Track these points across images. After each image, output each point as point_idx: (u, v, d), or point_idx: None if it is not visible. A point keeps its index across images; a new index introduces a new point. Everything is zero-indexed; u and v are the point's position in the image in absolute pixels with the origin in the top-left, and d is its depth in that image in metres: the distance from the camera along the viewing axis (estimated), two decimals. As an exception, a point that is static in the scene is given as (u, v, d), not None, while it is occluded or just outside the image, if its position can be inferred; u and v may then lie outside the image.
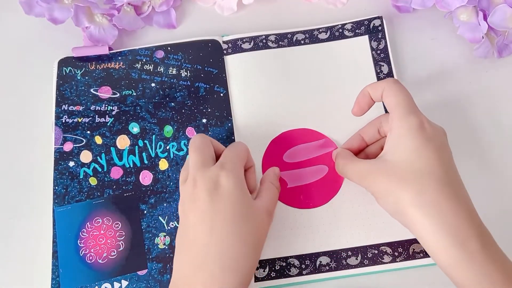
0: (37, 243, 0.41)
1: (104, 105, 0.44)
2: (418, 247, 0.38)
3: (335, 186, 0.41)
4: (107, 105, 0.44)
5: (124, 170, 0.42)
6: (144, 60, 0.46)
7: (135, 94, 0.45)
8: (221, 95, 0.44)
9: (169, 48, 0.47)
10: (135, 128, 0.44)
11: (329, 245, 0.39)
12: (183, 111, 0.44)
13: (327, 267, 0.38)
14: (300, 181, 0.41)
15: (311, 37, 0.47)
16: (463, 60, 0.46)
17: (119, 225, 0.40)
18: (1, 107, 0.47)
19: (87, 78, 0.46)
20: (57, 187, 0.41)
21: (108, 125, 0.44)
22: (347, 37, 0.46)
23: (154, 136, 0.43)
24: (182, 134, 0.43)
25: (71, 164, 0.42)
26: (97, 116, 0.44)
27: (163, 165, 0.42)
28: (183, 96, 0.45)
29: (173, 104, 0.44)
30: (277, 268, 0.38)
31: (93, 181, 0.42)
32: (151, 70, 0.46)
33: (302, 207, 0.40)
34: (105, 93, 0.45)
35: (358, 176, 0.37)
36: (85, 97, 0.45)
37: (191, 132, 0.43)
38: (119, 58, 0.46)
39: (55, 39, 0.49)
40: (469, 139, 0.43)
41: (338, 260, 0.38)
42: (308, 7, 0.50)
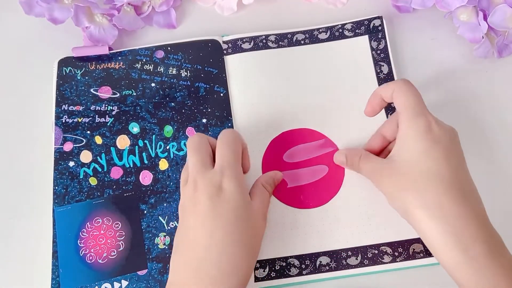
0: (37, 243, 0.41)
1: (104, 105, 0.44)
2: (418, 247, 0.38)
3: (335, 186, 0.41)
4: (107, 105, 0.44)
5: (124, 170, 0.42)
6: (144, 60, 0.46)
7: (135, 94, 0.45)
8: (221, 95, 0.44)
9: (169, 48, 0.47)
10: (135, 128, 0.44)
11: (329, 245, 0.39)
12: (183, 111, 0.44)
13: (327, 267, 0.38)
14: (300, 181, 0.41)
15: (311, 37, 0.47)
16: (463, 60, 0.46)
17: (119, 225, 0.40)
18: (1, 107, 0.47)
19: (87, 78, 0.46)
20: (57, 187, 0.41)
21: (108, 125, 0.44)
22: (347, 37, 0.46)
23: (154, 136, 0.43)
24: (182, 134, 0.43)
25: (71, 164, 0.42)
26: (97, 116, 0.44)
27: (163, 165, 0.42)
28: (183, 96, 0.45)
29: (173, 104, 0.44)
30: (277, 268, 0.38)
31: (93, 181, 0.42)
32: (151, 70, 0.46)
33: (302, 207, 0.40)
34: (105, 93, 0.45)
35: (369, 174, 0.37)
36: (85, 97, 0.45)
37: (191, 132, 0.43)
38: (119, 58, 0.46)
39: (55, 39, 0.49)
40: (469, 139, 0.43)
41: (338, 260, 0.38)
42: (308, 7, 0.50)
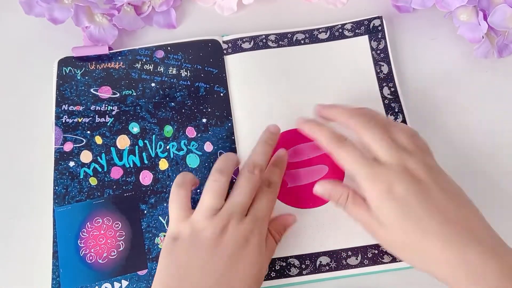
0: (37, 243, 0.41)
1: (104, 105, 0.44)
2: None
3: (335, 186, 0.41)
4: (107, 105, 0.44)
5: (124, 170, 0.42)
6: (144, 60, 0.46)
7: (135, 94, 0.45)
8: (221, 95, 0.44)
9: (169, 48, 0.47)
10: (135, 128, 0.44)
11: (329, 245, 0.39)
12: (183, 111, 0.44)
13: (327, 267, 0.38)
14: (300, 181, 0.41)
15: (311, 37, 0.47)
16: (463, 60, 0.46)
17: (119, 225, 0.40)
18: (1, 107, 0.47)
19: (87, 78, 0.46)
20: (57, 187, 0.41)
21: (108, 125, 0.44)
22: (347, 37, 0.46)
23: (154, 136, 0.43)
24: (182, 134, 0.43)
25: (71, 164, 0.42)
26: (97, 116, 0.44)
27: (163, 165, 0.42)
28: (183, 96, 0.45)
29: (173, 104, 0.44)
30: (277, 268, 0.38)
31: (93, 181, 0.42)
32: (151, 70, 0.46)
33: (302, 207, 0.40)
34: (105, 93, 0.45)
35: (359, 222, 0.36)
36: (85, 97, 0.45)
37: (191, 132, 0.43)
38: (119, 58, 0.46)
39: (55, 39, 0.49)
40: (469, 139, 0.43)
41: (338, 260, 0.38)
42: (308, 7, 0.50)
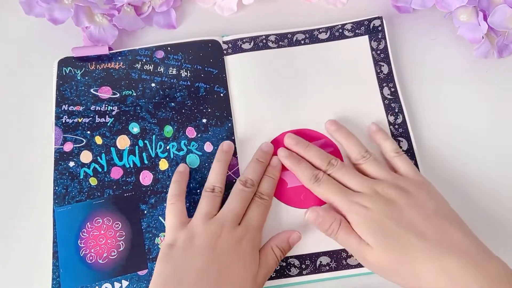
0: (37, 243, 0.41)
1: (104, 105, 0.44)
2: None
3: (335, 186, 0.41)
4: (107, 105, 0.44)
5: (124, 170, 0.42)
6: (144, 60, 0.46)
7: (135, 94, 0.45)
8: (221, 95, 0.44)
9: (169, 48, 0.47)
10: (135, 128, 0.44)
11: (329, 245, 0.39)
12: (183, 111, 0.44)
13: (327, 267, 0.38)
14: (300, 181, 0.41)
15: (311, 37, 0.47)
16: (463, 60, 0.46)
17: (119, 225, 0.40)
18: (1, 107, 0.47)
19: (87, 78, 0.46)
20: (57, 187, 0.41)
21: (108, 125, 0.44)
22: (347, 37, 0.46)
23: (154, 136, 0.43)
24: (182, 134, 0.43)
25: (71, 164, 0.42)
26: (97, 116, 0.44)
27: (163, 165, 0.42)
28: (183, 96, 0.45)
29: (173, 104, 0.44)
30: (277, 268, 0.38)
31: (93, 181, 0.42)
32: (151, 70, 0.46)
33: (302, 207, 0.40)
34: (105, 93, 0.45)
35: (349, 250, 0.38)
36: (85, 97, 0.45)
37: (191, 132, 0.43)
38: (119, 58, 0.46)
39: (55, 39, 0.49)
40: (469, 139, 0.43)
41: (338, 260, 0.38)
42: (308, 7, 0.50)
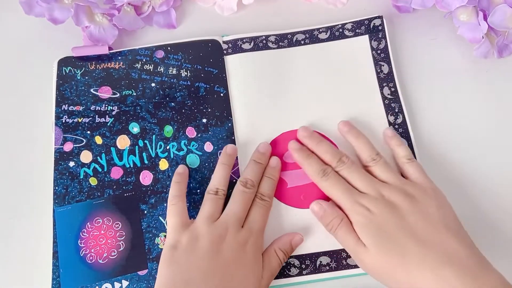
0: (37, 243, 0.41)
1: (104, 105, 0.44)
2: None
3: (335, 186, 0.41)
4: (107, 105, 0.44)
5: (124, 170, 0.42)
6: (144, 60, 0.46)
7: (135, 94, 0.45)
8: (221, 95, 0.44)
9: (169, 48, 0.47)
10: (135, 128, 0.44)
11: (329, 245, 0.39)
12: (183, 111, 0.44)
13: (327, 267, 0.38)
14: (300, 181, 0.41)
15: (311, 37, 0.47)
16: (463, 60, 0.46)
17: (119, 225, 0.40)
18: (1, 107, 0.47)
19: (87, 78, 0.46)
20: (57, 187, 0.41)
21: (108, 125, 0.44)
22: (347, 37, 0.46)
23: (154, 136, 0.43)
24: (182, 134, 0.43)
25: (71, 164, 0.42)
26: (97, 116, 0.44)
27: (163, 165, 0.42)
28: (183, 96, 0.45)
29: (173, 104, 0.44)
30: (277, 268, 0.38)
31: (93, 181, 0.42)
32: (151, 70, 0.46)
33: (302, 207, 0.40)
34: (105, 93, 0.45)
35: (345, 248, 0.38)
36: (85, 97, 0.45)
37: (191, 132, 0.43)
38: (119, 58, 0.46)
39: (55, 39, 0.49)
40: (469, 139, 0.43)
41: (338, 260, 0.38)
42: (308, 7, 0.50)
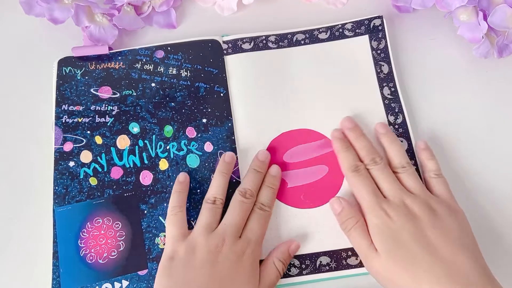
0: (37, 243, 0.41)
1: (104, 105, 0.44)
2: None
3: (335, 186, 0.41)
4: (107, 105, 0.44)
5: (124, 170, 0.42)
6: (144, 60, 0.46)
7: (135, 94, 0.45)
8: (221, 95, 0.44)
9: (169, 48, 0.47)
10: (135, 128, 0.44)
11: (329, 245, 0.39)
12: (183, 111, 0.44)
13: (327, 267, 0.38)
14: (300, 181, 0.41)
15: (311, 37, 0.47)
16: (463, 60, 0.46)
17: (120, 225, 0.40)
18: (1, 107, 0.47)
19: (87, 78, 0.46)
20: (57, 187, 0.41)
21: (108, 125, 0.44)
22: (347, 37, 0.46)
23: (154, 136, 0.43)
24: (182, 134, 0.43)
25: (71, 164, 0.42)
26: (97, 116, 0.44)
27: (163, 165, 0.42)
28: (183, 96, 0.45)
29: (173, 104, 0.44)
30: (277, 268, 0.38)
31: (93, 181, 0.42)
32: (151, 70, 0.46)
33: (302, 207, 0.40)
34: (105, 93, 0.45)
35: (356, 250, 0.38)
36: (85, 97, 0.45)
37: (191, 132, 0.43)
38: (119, 58, 0.46)
39: (55, 39, 0.49)
40: (469, 139, 0.43)
41: (338, 260, 0.38)
42: (308, 7, 0.50)
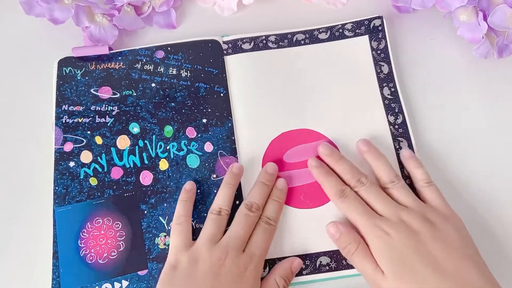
0: (37, 243, 0.41)
1: (104, 105, 0.44)
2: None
3: (335, 186, 0.41)
4: (107, 105, 0.44)
5: (124, 170, 0.42)
6: (144, 60, 0.46)
7: (135, 94, 0.45)
8: (221, 95, 0.44)
9: (169, 48, 0.47)
10: (135, 128, 0.44)
11: (329, 245, 0.39)
12: (183, 111, 0.44)
13: (327, 267, 0.38)
14: (300, 181, 0.41)
15: (311, 37, 0.47)
16: (463, 60, 0.46)
17: (120, 225, 0.40)
18: (1, 107, 0.47)
19: (87, 78, 0.46)
20: (57, 187, 0.41)
21: (108, 125, 0.44)
22: (347, 37, 0.46)
23: (154, 136, 0.43)
24: (182, 134, 0.43)
25: (72, 164, 0.42)
26: (97, 116, 0.44)
27: (163, 165, 0.42)
28: (183, 96, 0.45)
29: (173, 104, 0.44)
30: (277, 268, 0.38)
31: (93, 181, 0.42)
32: (151, 70, 0.46)
33: (302, 207, 0.40)
34: (105, 93, 0.45)
35: (361, 273, 0.37)
36: (85, 97, 0.45)
37: (191, 132, 0.43)
38: (119, 58, 0.46)
39: (55, 39, 0.49)
40: (469, 139, 0.43)
41: (338, 260, 0.38)
42: (308, 7, 0.50)
